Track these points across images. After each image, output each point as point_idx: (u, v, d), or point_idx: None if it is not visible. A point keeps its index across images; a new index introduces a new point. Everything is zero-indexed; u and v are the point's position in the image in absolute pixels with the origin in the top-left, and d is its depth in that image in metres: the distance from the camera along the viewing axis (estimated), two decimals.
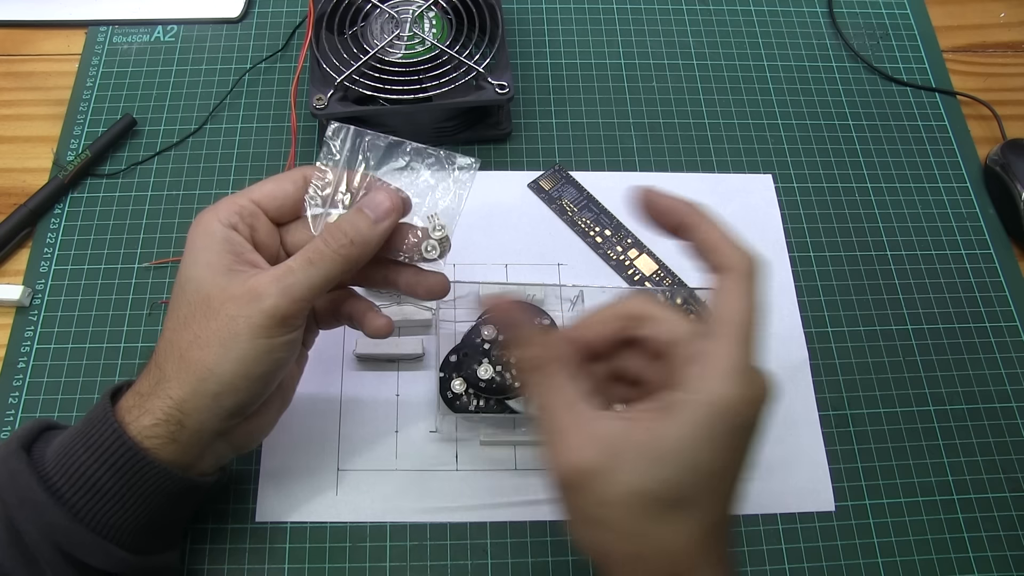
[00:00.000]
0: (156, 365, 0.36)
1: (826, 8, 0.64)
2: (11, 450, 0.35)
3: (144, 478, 0.35)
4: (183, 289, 0.36)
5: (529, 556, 0.44)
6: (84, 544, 0.34)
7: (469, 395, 0.44)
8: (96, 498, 0.35)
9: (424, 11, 0.54)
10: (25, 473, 0.34)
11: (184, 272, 0.36)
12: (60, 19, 0.60)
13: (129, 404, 0.36)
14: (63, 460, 0.35)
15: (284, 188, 0.38)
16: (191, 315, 0.35)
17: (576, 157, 0.56)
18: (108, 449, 0.34)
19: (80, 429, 0.36)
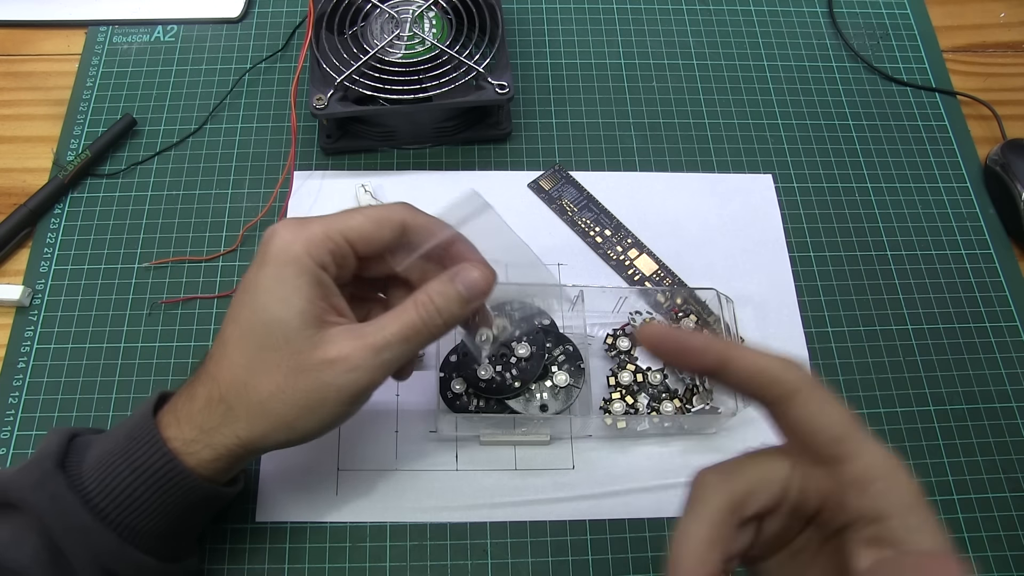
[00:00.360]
0: (222, 400, 0.35)
1: (826, 8, 0.64)
2: (47, 470, 0.34)
3: (187, 495, 0.35)
4: (267, 329, 0.34)
5: (529, 556, 0.44)
6: (133, 564, 0.35)
7: (469, 395, 0.45)
8: (139, 516, 0.35)
9: (424, 11, 0.54)
10: (68, 497, 0.34)
11: (268, 309, 0.34)
12: (60, 19, 0.60)
13: (185, 435, 0.35)
14: (106, 480, 0.34)
15: (382, 234, 0.36)
16: (274, 362, 0.34)
17: (576, 157, 0.56)
18: (156, 473, 0.34)
19: (122, 447, 0.35)
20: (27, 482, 0.34)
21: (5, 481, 0.35)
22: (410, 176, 0.55)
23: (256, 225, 0.52)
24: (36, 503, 0.34)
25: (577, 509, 0.45)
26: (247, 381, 0.34)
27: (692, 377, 0.46)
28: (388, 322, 0.35)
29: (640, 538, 0.44)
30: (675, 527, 0.28)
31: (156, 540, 0.36)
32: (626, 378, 0.46)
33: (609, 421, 0.45)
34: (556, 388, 0.45)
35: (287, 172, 0.53)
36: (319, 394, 0.34)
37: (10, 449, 0.45)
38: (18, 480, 0.35)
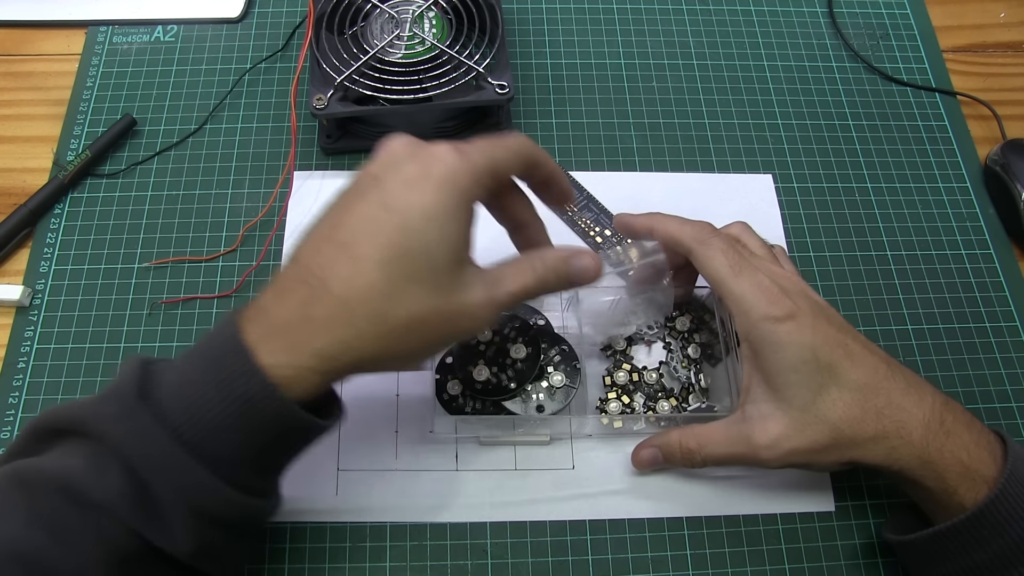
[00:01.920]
0: (350, 323, 0.32)
1: (826, 8, 0.64)
2: (128, 403, 0.32)
3: (285, 425, 0.33)
4: (418, 258, 0.32)
5: (529, 556, 0.44)
6: (222, 498, 0.33)
7: (465, 397, 0.45)
8: (229, 448, 0.32)
9: (424, 11, 0.54)
10: (154, 430, 0.32)
11: (426, 237, 0.32)
12: (60, 19, 0.60)
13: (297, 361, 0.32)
14: (193, 410, 0.32)
15: (518, 169, 0.37)
16: (416, 294, 0.32)
17: (576, 157, 0.56)
18: (252, 401, 0.32)
19: (211, 375, 0.32)
20: (108, 414, 0.32)
21: (82, 413, 0.33)
22: None
23: (256, 225, 0.52)
24: (120, 437, 0.32)
25: (577, 509, 0.45)
26: (385, 309, 0.32)
27: (688, 376, 0.46)
28: (508, 279, 0.35)
29: (640, 538, 0.44)
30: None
31: (246, 471, 0.33)
32: (622, 378, 0.46)
33: (605, 421, 0.45)
34: (552, 388, 0.45)
35: (287, 172, 0.53)
36: (447, 335, 0.34)
37: None
38: (97, 412, 0.32)
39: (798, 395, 0.39)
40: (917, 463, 0.38)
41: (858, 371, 0.39)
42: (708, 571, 0.44)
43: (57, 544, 0.31)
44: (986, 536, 0.36)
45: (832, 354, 0.39)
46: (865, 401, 0.38)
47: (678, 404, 0.46)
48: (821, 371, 0.38)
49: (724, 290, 0.40)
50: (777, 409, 0.39)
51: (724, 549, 0.44)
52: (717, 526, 0.45)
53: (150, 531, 0.32)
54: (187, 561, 0.33)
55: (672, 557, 0.44)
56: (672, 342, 0.48)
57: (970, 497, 0.37)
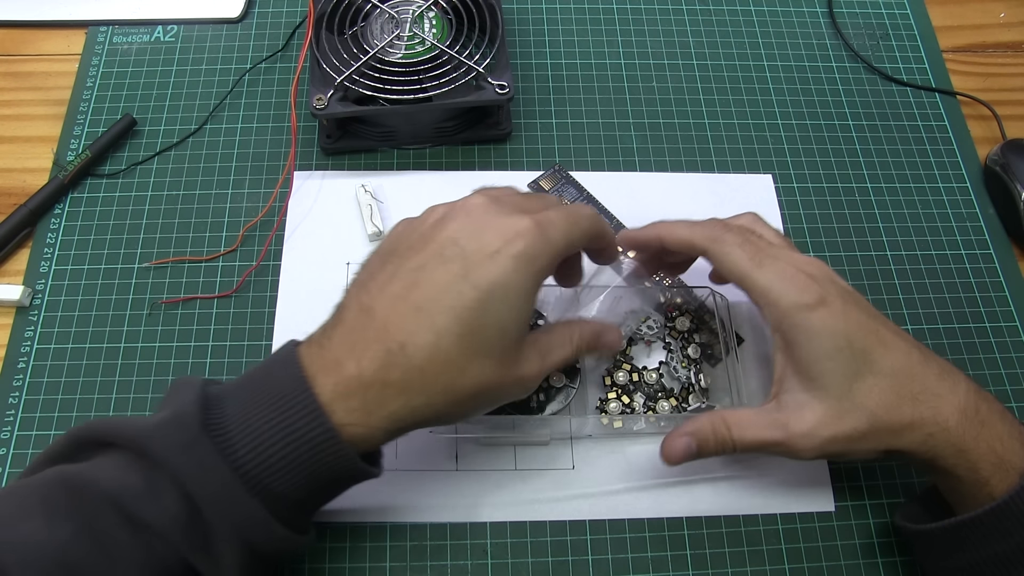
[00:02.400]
0: (421, 392, 0.33)
1: (826, 8, 0.64)
2: (193, 433, 0.32)
3: (341, 471, 0.34)
4: (491, 335, 0.34)
5: (529, 556, 0.44)
6: (274, 536, 0.33)
7: None
8: (286, 486, 0.33)
9: (424, 11, 0.54)
10: (218, 465, 0.32)
11: (502, 316, 0.34)
12: (60, 19, 0.60)
13: (351, 406, 0.33)
14: (257, 448, 0.33)
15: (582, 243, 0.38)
16: (483, 368, 0.34)
17: (576, 157, 0.56)
18: (314, 445, 0.33)
19: (275, 415, 0.33)
20: (171, 442, 0.32)
21: (140, 433, 0.33)
22: (410, 176, 0.55)
23: (256, 225, 0.52)
24: (181, 465, 0.32)
25: (577, 509, 0.45)
26: (456, 380, 0.34)
27: (688, 376, 0.46)
28: (554, 351, 0.38)
29: (640, 538, 0.44)
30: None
31: (294, 512, 0.34)
32: (622, 378, 0.46)
33: (605, 421, 0.45)
34: (552, 389, 0.45)
35: (287, 172, 0.53)
36: (500, 400, 0.37)
37: (10, 449, 0.45)
38: (159, 437, 0.33)
39: (833, 383, 0.38)
40: (952, 451, 0.37)
41: (892, 357, 0.38)
42: (708, 571, 0.44)
43: (105, 558, 0.31)
44: (1009, 527, 0.36)
45: (865, 340, 0.38)
46: (901, 387, 0.38)
47: (678, 404, 0.46)
48: (856, 358, 0.38)
49: (748, 283, 0.40)
50: (813, 398, 0.39)
51: (724, 549, 0.44)
52: (717, 526, 0.45)
53: (198, 560, 0.32)
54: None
55: (672, 557, 0.44)
56: (672, 342, 0.48)
57: (1001, 487, 0.36)
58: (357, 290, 0.36)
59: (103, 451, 0.34)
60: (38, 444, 0.45)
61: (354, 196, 0.53)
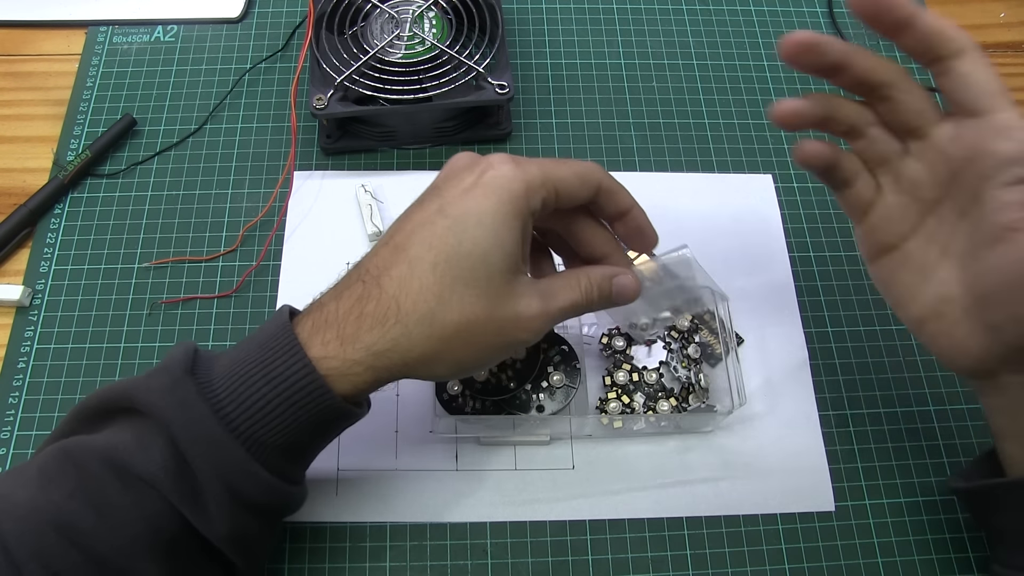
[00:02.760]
0: (399, 322, 0.33)
1: (826, 8, 0.64)
2: (176, 377, 0.33)
3: (324, 412, 0.34)
4: (471, 263, 0.33)
5: (529, 556, 0.44)
6: (258, 482, 0.33)
7: (465, 396, 0.45)
8: (268, 430, 0.33)
9: (424, 11, 0.54)
10: (198, 405, 0.32)
11: (478, 241, 0.33)
12: (60, 19, 0.60)
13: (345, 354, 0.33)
14: (238, 390, 0.33)
15: (581, 192, 0.36)
16: (468, 299, 0.33)
17: (576, 157, 0.56)
18: (295, 385, 0.33)
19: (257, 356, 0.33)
20: (154, 387, 0.33)
21: (131, 387, 0.34)
22: (410, 176, 0.55)
23: (256, 225, 0.52)
24: (164, 409, 0.32)
25: (577, 509, 0.45)
26: (435, 311, 0.33)
27: (688, 376, 0.46)
28: (559, 293, 0.36)
29: (640, 538, 0.44)
30: None
31: (280, 458, 0.34)
32: (622, 378, 0.46)
33: (605, 421, 0.45)
34: (552, 388, 0.45)
35: (287, 172, 0.53)
36: (498, 344, 0.35)
37: (10, 449, 0.45)
38: (145, 385, 0.33)
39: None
40: None
41: None
42: (708, 571, 0.44)
43: (98, 517, 0.32)
44: None
45: None
46: None
47: (678, 404, 0.46)
48: None
49: (999, 101, 0.36)
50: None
51: (724, 549, 0.44)
52: (717, 526, 0.45)
53: (188, 508, 0.32)
54: (219, 544, 0.33)
55: (672, 557, 0.44)
56: (672, 342, 0.48)
57: None
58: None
59: (107, 418, 0.35)
60: (38, 444, 0.45)
61: (354, 196, 0.53)
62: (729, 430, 0.47)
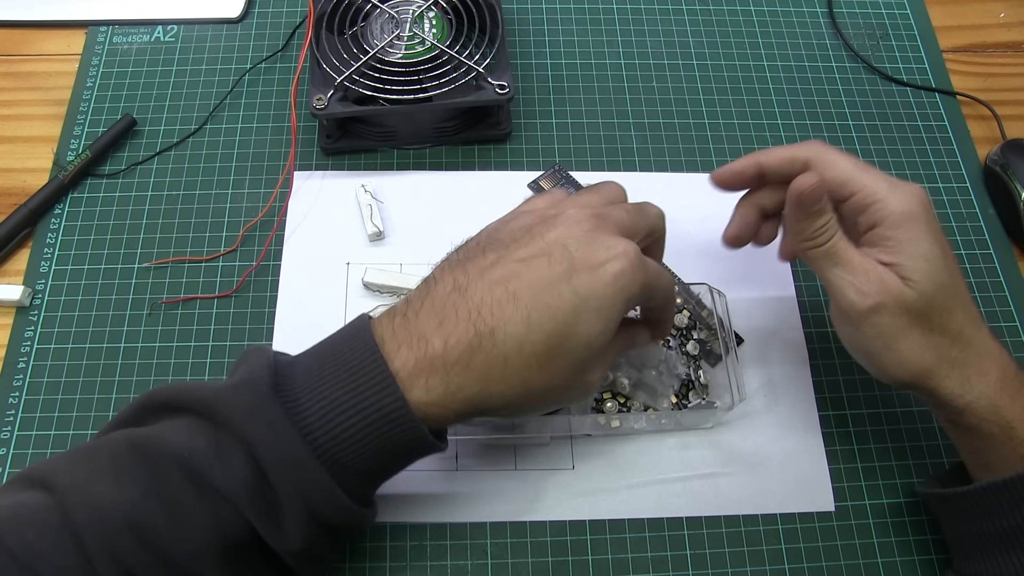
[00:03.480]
0: (502, 381, 0.34)
1: (826, 8, 0.64)
2: (262, 395, 0.32)
3: (409, 443, 0.34)
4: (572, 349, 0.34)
5: (529, 556, 0.44)
6: (339, 506, 0.33)
7: None
8: (353, 456, 0.33)
9: (424, 11, 0.54)
10: (286, 427, 0.32)
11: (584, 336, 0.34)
12: (60, 19, 0.60)
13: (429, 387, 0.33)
14: (327, 414, 0.33)
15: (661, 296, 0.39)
16: (560, 370, 0.34)
17: (576, 157, 0.56)
18: (386, 417, 0.33)
19: (348, 381, 0.33)
20: (240, 405, 0.32)
21: (210, 396, 0.33)
22: (410, 176, 0.55)
23: (256, 225, 0.52)
24: (249, 428, 0.32)
25: (577, 509, 0.45)
26: (535, 380, 0.34)
27: (687, 373, 0.46)
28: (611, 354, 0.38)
29: (640, 538, 0.44)
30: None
31: (361, 481, 0.34)
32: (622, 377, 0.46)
33: (602, 420, 0.45)
34: None
35: (287, 172, 0.53)
36: (566, 401, 0.38)
37: (10, 449, 0.45)
38: (228, 401, 0.33)
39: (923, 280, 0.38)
40: (987, 405, 0.37)
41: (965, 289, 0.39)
42: (708, 571, 0.44)
43: (171, 520, 0.31)
44: None
45: (948, 252, 0.39)
46: (969, 310, 0.39)
47: (678, 401, 0.46)
48: (947, 271, 0.38)
49: (856, 184, 0.39)
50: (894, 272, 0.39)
51: (724, 549, 0.44)
52: (717, 526, 0.45)
53: (263, 525, 0.32)
54: (290, 561, 0.33)
55: (672, 557, 0.44)
56: (671, 339, 0.48)
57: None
58: (452, 268, 0.36)
59: (172, 415, 0.34)
60: (38, 444, 0.45)
61: (354, 196, 0.53)
62: (729, 427, 0.47)
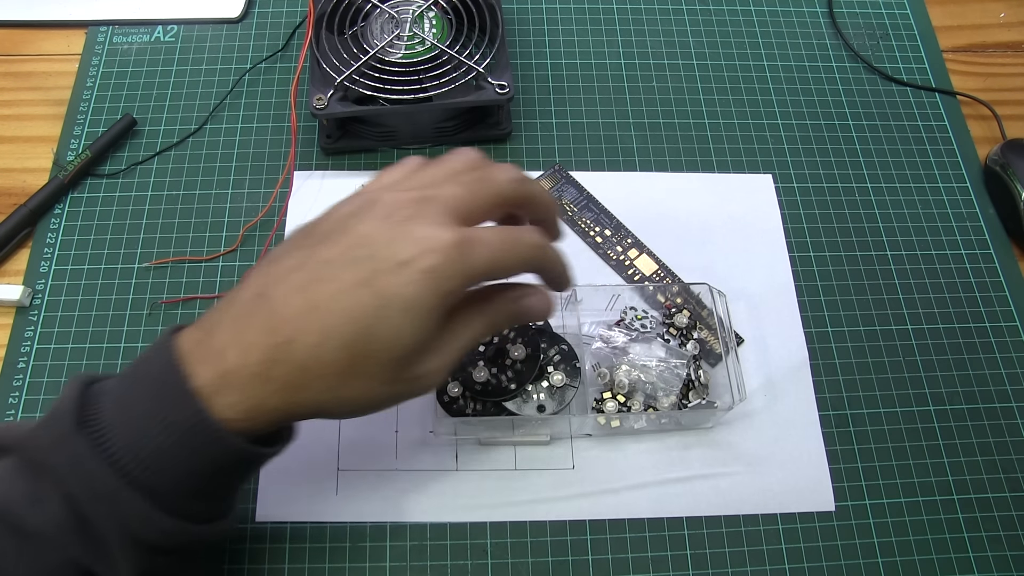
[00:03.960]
0: (306, 387, 0.32)
1: (826, 8, 0.64)
2: (66, 429, 0.31)
3: (226, 456, 0.32)
4: (379, 353, 0.32)
5: (529, 556, 0.44)
6: (164, 531, 0.32)
7: (466, 398, 0.45)
8: (169, 478, 0.32)
9: (424, 11, 0.54)
10: (92, 460, 0.31)
11: (400, 327, 0.31)
12: (60, 19, 0.60)
13: (234, 400, 0.32)
14: (132, 439, 0.31)
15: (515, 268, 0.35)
16: (371, 373, 0.32)
17: (576, 157, 0.56)
18: (191, 432, 0.31)
19: (150, 404, 0.32)
20: (46, 442, 0.31)
21: (25, 437, 0.32)
22: None
23: (256, 225, 0.52)
24: (57, 466, 0.31)
25: (577, 509, 0.45)
26: (340, 387, 0.32)
27: (687, 372, 0.46)
28: (460, 333, 0.35)
29: (640, 538, 0.44)
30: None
31: (190, 500, 0.33)
32: (621, 376, 0.46)
33: (603, 420, 0.45)
34: (552, 388, 0.45)
35: (287, 172, 0.53)
36: (399, 399, 0.35)
37: None
38: (36, 437, 0.32)
39: None
40: None
41: None
42: (708, 571, 0.44)
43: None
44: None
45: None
46: None
47: (678, 400, 0.46)
48: None
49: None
50: None
51: (724, 549, 0.44)
52: (717, 526, 0.45)
53: (93, 562, 0.31)
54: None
55: (672, 557, 0.44)
56: (671, 339, 0.48)
57: None
58: (257, 273, 0.33)
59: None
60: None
61: None
62: (729, 426, 0.47)
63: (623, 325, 0.48)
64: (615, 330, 0.48)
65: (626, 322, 0.48)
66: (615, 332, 0.48)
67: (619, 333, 0.48)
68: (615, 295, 0.49)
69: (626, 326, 0.48)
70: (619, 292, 0.49)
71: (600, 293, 0.49)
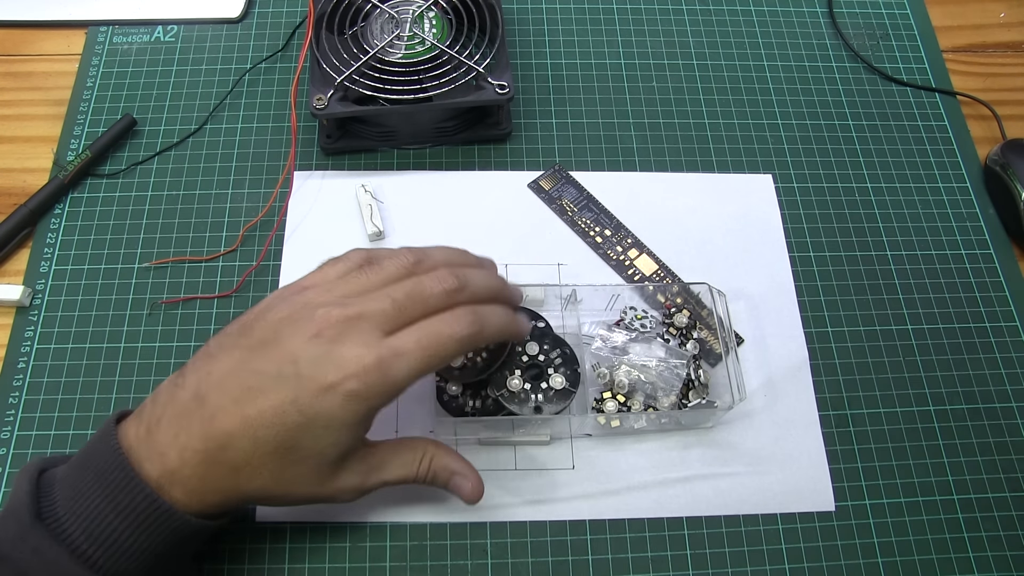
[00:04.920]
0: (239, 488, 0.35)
1: (826, 8, 0.64)
2: (24, 523, 0.33)
3: (177, 532, 0.35)
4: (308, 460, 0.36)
5: (529, 556, 0.44)
6: None
7: (465, 396, 0.44)
8: (128, 559, 0.34)
9: (424, 11, 0.54)
10: (53, 550, 0.33)
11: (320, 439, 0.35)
12: (60, 19, 0.60)
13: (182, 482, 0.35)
14: (90, 526, 0.34)
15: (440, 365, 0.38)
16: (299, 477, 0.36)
17: (576, 157, 0.56)
18: (143, 515, 0.34)
19: (101, 490, 0.34)
20: (7, 537, 0.33)
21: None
22: (410, 176, 0.55)
23: (256, 225, 0.52)
24: (20, 560, 0.33)
25: (577, 509, 0.45)
26: (270, 488, 0.36)
27: (687, 372, 0.46)
28: (389, 468, 0.39)
29: (640, 538, 0.44)
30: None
31: (151, 573, 0.35)
32: (621, 376, 0.46)
33: (603, 420, 0.45)
34: (552, 390, 0.45)
35: (287, 172, 0.53)
36: (329, 500, 0.38)
37: (10, 449, 0.45)
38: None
39: None
40: None
41: None
42: (708, 571, 0.44)
43: None
44: None
45: None
46: None
47: (678, 400, 0.46)
48: None
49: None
50: None
51: (724, 549, 0.44)
52: (717, 526, 0.45)
53: None
54: None
55: (672, 557, 0.44)
56: (671, 339, 0.48)
57: None
58: (194, 369, 0.36)
59: None
60: (38, 444, 0.46)
61: (354, 196, 0.53)
62: (729, 426, 0.47)
63: (623, 325, 0.48)
64: (615, 330, 0.48)
65: (626, 322, 0.48)
66: (615, 332, 0.48)
67: (619, 333, 0.48)
68: (615, 295, 0.49)
69: (626, 326, 0.48)
70: (619, 292, 0.49)
71: (600, 293, 0.49)
